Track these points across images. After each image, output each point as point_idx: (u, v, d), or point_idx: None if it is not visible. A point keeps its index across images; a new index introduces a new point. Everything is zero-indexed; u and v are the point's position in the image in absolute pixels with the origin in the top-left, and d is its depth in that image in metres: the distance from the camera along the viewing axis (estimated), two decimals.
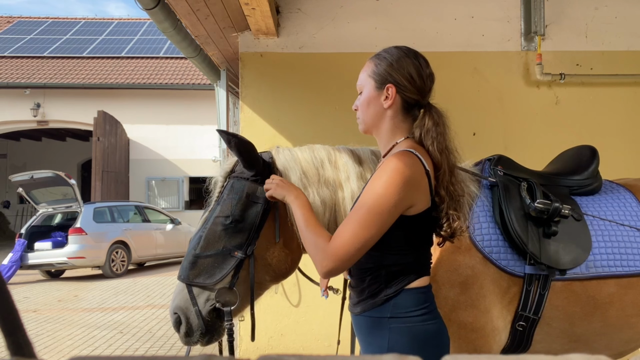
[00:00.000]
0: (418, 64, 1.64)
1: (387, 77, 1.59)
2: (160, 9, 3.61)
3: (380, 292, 1.51)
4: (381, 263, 1.51)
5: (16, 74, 16.65)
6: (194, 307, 1.73)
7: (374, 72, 1.62)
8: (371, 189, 1.44)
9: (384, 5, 3.95)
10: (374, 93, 1.60)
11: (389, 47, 1.70)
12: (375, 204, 1.41)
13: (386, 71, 1.60)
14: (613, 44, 3.96)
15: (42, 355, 5.07)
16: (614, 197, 2.05)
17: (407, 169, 1.43)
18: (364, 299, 1.55)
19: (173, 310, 1.76)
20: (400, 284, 1.50)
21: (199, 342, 1.80)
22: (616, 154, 3.81)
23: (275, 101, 3.91)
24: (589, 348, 1.89)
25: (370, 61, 1.67)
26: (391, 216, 1.42)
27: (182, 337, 1.78)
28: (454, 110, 1.83)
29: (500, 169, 1.94)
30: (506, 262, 1.80)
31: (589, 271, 1.85)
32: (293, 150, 1.88)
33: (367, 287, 1.54)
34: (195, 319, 1.75)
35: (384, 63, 1.62)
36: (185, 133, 16.46)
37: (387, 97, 1.58)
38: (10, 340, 0.55)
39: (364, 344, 1.57)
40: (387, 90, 1.58)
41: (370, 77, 1.62)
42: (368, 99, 1.61)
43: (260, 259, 1.76)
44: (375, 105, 1.60)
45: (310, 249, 1.48)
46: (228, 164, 1.86)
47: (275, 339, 3.81)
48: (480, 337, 1.74)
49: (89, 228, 10.94)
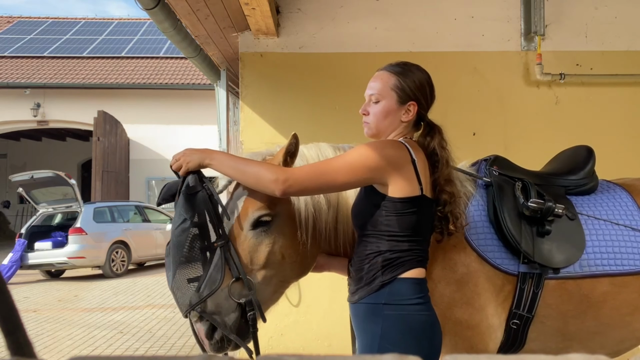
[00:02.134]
0: (431, 84, 1.77)
1: (411, 95, 1.70)
2: (160, 9, 3.61)
3: (376, 278, 1.59)
4: (378, 249, 1.61)
5: (16, 74, 16.65)
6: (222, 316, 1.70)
7: (397, 87, 1.70)
8: (351, 150, 1.62)
9: (384, 5, 3.95)
10: (395, 106, 1.70)
11: (406, 63, 1.77)
12: (348, 157, 1.60)
13: (411, 89, 1.70)
14: (613, 44, 3.96)
15: (42, 355, 5.07)
16: (610, 196, 2.07)
17: (389, 146, 1.61)
18: (362, 286, 1.63)
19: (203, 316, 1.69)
20: (395, 272, 1.58)
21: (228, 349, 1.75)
22: (616, 154, 3.81)
23: (275, 101, 3.91)
24: (583, 346, 1.90)
25: (390, 74, 1.72)
26: (359, 173, 1.58)
27: (214, 345, 1.72)
28: (454, 110, 1.86)
29: (495, 169, 1.97)
30: (500, 260, 1.83)
31: (583, 270, 1.87)
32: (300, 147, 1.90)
33: (365, 274, 1.62)
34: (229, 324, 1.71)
35: (409, 80, 1.70)
36: (185, 133, 16.44)
37: (406, 112, 1.70)
38: (11, 340, 0.55)
39: (359, 332, 1.64)
40: (409, 106, 1.70)
41: (393, 91, 1.70)
42: (387, 110, 1.70)
43: (288, 257, 1.77)
44: (394, 118, 1.70)
45: (260, 176, 1.57)
46: None
47: (275, 339, 3.81)
48: (476, 335, 1.76)
49: (89, 228, 10.94)
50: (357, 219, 1.69)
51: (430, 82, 1.76)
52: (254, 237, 1.74)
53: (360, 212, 1.68)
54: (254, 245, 1.73)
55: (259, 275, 1.73)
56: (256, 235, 1.74)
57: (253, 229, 1.74)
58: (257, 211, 1.73)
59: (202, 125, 16.04)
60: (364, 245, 1.64)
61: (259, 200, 1.74)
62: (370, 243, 1.62)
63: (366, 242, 1.63)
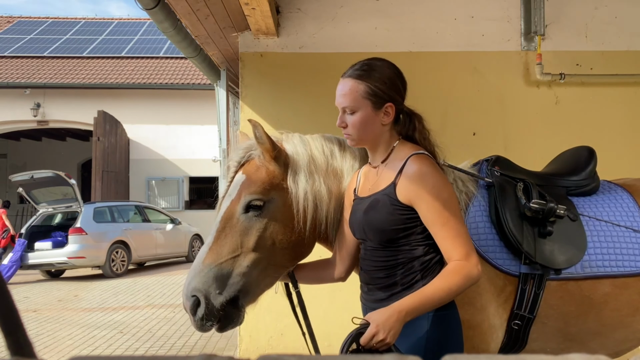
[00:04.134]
0: (400, 74, 1.71)
1: (384, 97, 1.65)
2: (160, 9, 3.61)
3: (416, 282, 1.59)
4: (413, 255, 1.60)
5: (16, 74, 16.65)
6: (216, 291, 1.71)
7: (368, 94, 1.64)
8: (434, 196, 1.56)
9: (384, 5, 3.95)
10: (372, 114, 1.65)
11: (369, 63, 1.69)
12: (451, 204, 1.58)
13: (382, 91, 1.64)
14: (613, 44, 3.96)
15: (42, 355, 5.07)
16: (611, 197, 2.07)
17: (438, 169, 1.63)
18: (398, 291, 1.61)
19: (190, 292, 1.71)
20: (434, 273, 1.59)
21: (212, 328, 1.76)
22: (616, 154, 3.81)
23: (275, 101, 3.91)
24: (584, 347, 1.91)
25: (357, 81, 1.65)
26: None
27: (198, 321, 1.71)
28: (454, 110, 1.85)
29: (497, 170, 1.97)
30: (502, 261, 1.83)
31: (584, 271, 1.87)
32: (304, 137, 1.91)
33: (400, 280, 1.61)
34: (218, 301, 1.71)
35: (378, 83, 1.64)
36: (185, 133, 16.46)
37: (385, 115, 1.66)
38: (11, 340, 0.55)
39: (400, 338, 1.56)
40: (386, 109, 1.65)
41: (366, 99, 1.64)
42: (365, 120, 1.65)
43: (279, 242, 1.79)
44: (374, 124, 1.66)
45: (460, 285, 1.52)
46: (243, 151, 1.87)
47: (275, 339, 3.81)
48: (477, 335, 1.76)
49: (89, 228, 10.95)
50: (383, 234, 1.62)
51: (399, 72, 1.70)
52: (245, 220, 1.76)
53: (387, 228, 1.61)
54: (244, 229, 1.76)
55: (247, 258, 1.75)
56: (248, 219, 1.76)
57: (245, 213, 1.77)
58: (249, 195, 1.77)
59: (202, 125, 16.05)
60: (392, 254, 1.62)
61: (253, 185, 1.78)
62: (402, 252, 1.62)
63: (396, 250, 1.62)
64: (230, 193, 1.82)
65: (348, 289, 2.12)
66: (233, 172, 1.87)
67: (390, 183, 1.62)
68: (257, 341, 3.82)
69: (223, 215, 1.79)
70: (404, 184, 1.59)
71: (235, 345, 4.98)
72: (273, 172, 1.80)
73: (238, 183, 1.81)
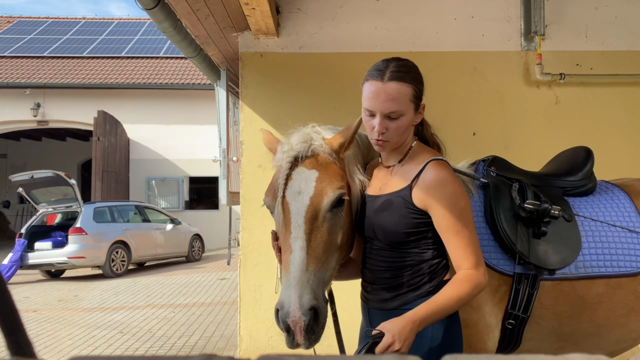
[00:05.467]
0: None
1: (421, 97, 1.66)
2: (160, 9, 3.61)
3: (424, 285, 1.61)
4: (421, 258, 1.61)
5: (16, 74, 16.65)
6: (324, 298, 1.62)
7: (414, 96, 1.63)
8: (451, 204, 1.56)
9: (384, 5, 3.95)
10: (412, 116, 1.65)
11: (403, 62, 1.65)
12: (465, 214, 1.58)
13: (422, 92, 1.66)
14: (613, 44, 3.96)
15: (42, 355, 5.07)
16: (608, 197, 2.08)
17: (456, 177, 1.64)
18: (404, 292, 1.62)
19: (307, 305, 1.54)
20: (440, 276, 1.61)
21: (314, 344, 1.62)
22: (616, 154, 3.81)
23: (275, 101, 3.91)
24: (578, 347, 1.92)
25: (404, 85, 1.59)
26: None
27: (309, 337, 1.57)
28: (454, 110, 1.85)
29: (493, 170, 1.98)
30: (496, 261, 1.84)
31: (578, 271, 1.88)
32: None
33: (407, 281, 1.62)
34: (326, 309, 1.63)
35: (419, 84, 1.65)
36: (185, 133, 16.46)
37: (418, 115, 1.67)
38: (11, 340, 0.55)
39: None
40: (421, 109, 1.67)
41: (411, 102, 1.63)
42: (408, 124, 1.64)
43: (347, 239, 1.73)
44: (411, 127, 1.68)
45: (470, 292, 1.53)
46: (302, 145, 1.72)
47: (275, 339, 3.81)
48: (474, 334, 1.76)
49: (89, 228, 10.95)
50: (394, 236, 1.61)
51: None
52: (331, 217, 1.65)
53: (399, 230, 1.61)
54: (331, 226, 1.65)
55: (334, 258, 1.68)
56: (333, 216, 1.65)
57: (330, 210, 1.64)
58: (338, 190, 1.65)
59: (202, 125, 16.05)
60: (400, 256, 1.63)
61: (335, 180, 1.67)
62: (410, 254, 1.62)
63: (404, 252, 1.62)
64: (302, 190, 1.65)
65: (348, 289, 2.12)
66: (288, 167, 1.69)
67: (406, 185, 1.62)
68: (257, 341, 3.82)
69: (306, 214, 1.62)
70: (422, 189, 1.58)
71: (235, 345, 4.98)
72: (342, 168, 1.73)
73: (311, 179, 1.66)
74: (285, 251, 1.63)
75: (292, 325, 1.54)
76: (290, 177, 1.68)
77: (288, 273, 1.58)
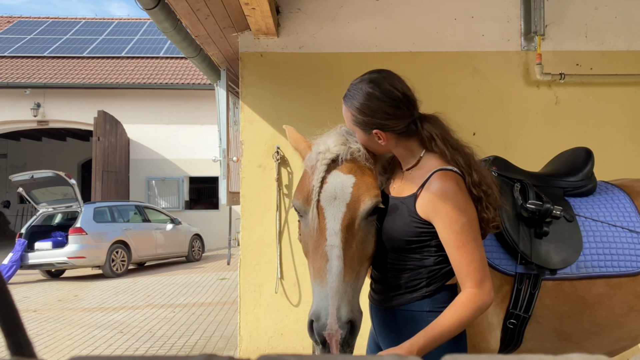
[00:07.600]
0: (389, 96, 1.59)
1: (369, 125, 1.61)
2: (160, 9, 3.61)
3: (421, 288, 1.59)
4: (421, 264, 1.59)
5: (16, 74, 16.65)
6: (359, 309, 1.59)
7: (354, 121, 1.64)
8: (453, 217, 1.51)
9: (384, 5, 3.95)
10: (366, 137, 1.65)
11: (356, 85, 1.65)
12: (469, 228, 1.52)
13: (364, 121, 1.61)
14: (613, 44, 3.96)
15: (42, 355, 5.07)
16: (608, 198, 2.08)
17: (463, 188, 1.55)
18: (401, 293, 1.61)
19: (346, 317, 1.49)
20: (440, 282, 1.59)
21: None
22: (616, 154, 3.81)
23: (275, 101, 3.91)
24: (578, 347, 1.92)
25: (346, 108, 1.65)
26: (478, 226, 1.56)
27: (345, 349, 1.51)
28: (454, 110, 1.85)
29: (494, 170, 1.98)
30: (498, 260, 1.84)
31: (579, 271, 1.89)
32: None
33: (405, 283, 1.61)
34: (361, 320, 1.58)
35: (357, 112, 1.61)
36: (185, 133, 16.46)
37: (379, 139, 1.63)
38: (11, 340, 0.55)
39: (396, 335, 1.59)
40: (376, 135, 1.62)
41: (355, 126, 1.64)
42: (363, 142, 1.67)
43: (374, 248, 1.67)
44: (374, 145, 1.66)
45: (474, 318, 1.50)
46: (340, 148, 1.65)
47: (275, 339, 3.81)
48: (477, 333, 1.76)
49: (89, 228, 10.95)
50: (395, 242, 1.60)
51: (387, 94, 1.58)
52: (365, 226, 1.60)
53: (400, 238, 1.59)
54: (365, 235, 1.61)
55: (364, 267, 1.64)
56: (367, 224, 1.61)
57: (366, 218, 1.60)
58: (375, 198, 1.59)
59: (202, 125, 16.05)
60: (401, 259, 1.61)
61: (373, 188, 1.61)
62: (411, 259, 1.60)
63: (405, 257, 1.60)
64: (338, 196, 1.59)
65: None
66: (324, 170, 1.62)
67: (411, 194, 1.60)
68: (257, 341, 3.82)
69: (342, 222, 1.57)
70: (425, 199, 1.55)
71: (235, 345, 4.98)
72: (376, 175, 1.68)
73: (347, 184, 1.60)
74: (319, 258, 1.56)
75: (328, 338, 1.48)
76: (325, 181, 1.62)
77: (324, 282, 1.51)
